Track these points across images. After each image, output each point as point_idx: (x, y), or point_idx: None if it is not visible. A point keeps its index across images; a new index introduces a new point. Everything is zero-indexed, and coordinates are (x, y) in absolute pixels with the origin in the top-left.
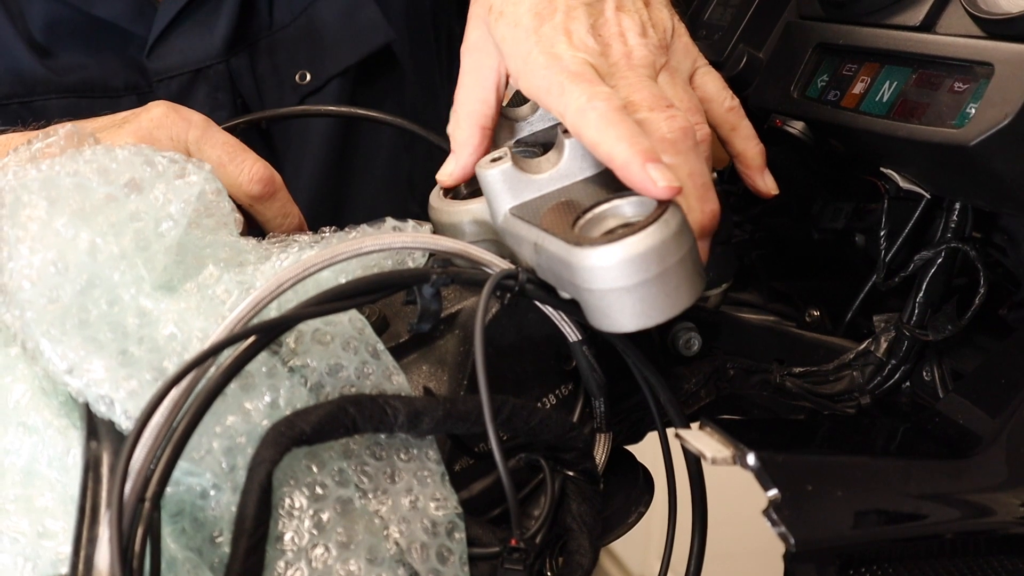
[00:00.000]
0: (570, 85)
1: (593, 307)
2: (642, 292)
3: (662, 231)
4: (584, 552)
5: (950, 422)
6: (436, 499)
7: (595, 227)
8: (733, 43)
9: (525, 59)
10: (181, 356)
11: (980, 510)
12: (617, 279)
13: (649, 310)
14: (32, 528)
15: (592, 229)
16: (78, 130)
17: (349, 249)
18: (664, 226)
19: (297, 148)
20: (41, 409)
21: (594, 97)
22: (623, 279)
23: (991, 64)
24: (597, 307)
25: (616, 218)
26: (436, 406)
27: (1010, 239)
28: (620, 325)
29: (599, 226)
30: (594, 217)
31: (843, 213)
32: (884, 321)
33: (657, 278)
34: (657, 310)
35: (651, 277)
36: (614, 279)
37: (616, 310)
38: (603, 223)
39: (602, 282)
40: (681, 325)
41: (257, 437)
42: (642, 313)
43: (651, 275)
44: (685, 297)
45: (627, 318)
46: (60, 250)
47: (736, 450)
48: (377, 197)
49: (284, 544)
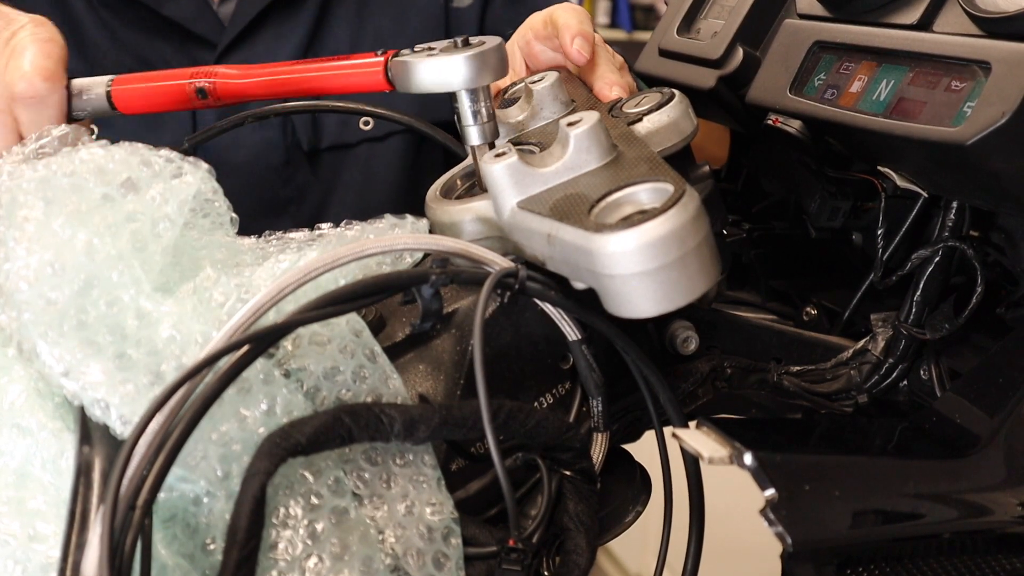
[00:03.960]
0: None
1: (614, 293)
2: (663, 276)
3: (681, 215)
4: (581, 552)
5: (947, 421)
6: (432, 504)
7: (611, 214)
8: (730, 42)
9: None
10: (179, 359)
11: (977, 509)
12: (639, 263)
13: (670, 293)
14: (23, 531)
15: (609, 216)
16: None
17: (351, 252)
18: (683, 210)
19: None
20: (36, 411)
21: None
22: (644, 263)
23: (988, 63)
24: (618, 293)
25: (632, 204)
26: (432, 414)
27: (1008, 238)
28: (641, 310)
29: (615, 213)
30: (609, 204)
31: (841, 212)
32: (881, 320)
33: (678, 261)
34: (677, 294)
35: (672, 260)
36: (636, 263)
37: (638, 295)
38: (619, 210)
39: (623, 267)
40: (679, 324)
41: (252, 444)
42: (663, 297)
43: (672, 258)
44: (704, 280)
45: (648, 303)
46: (57, 251)
47: (733, 450)
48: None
49: (277, 553)
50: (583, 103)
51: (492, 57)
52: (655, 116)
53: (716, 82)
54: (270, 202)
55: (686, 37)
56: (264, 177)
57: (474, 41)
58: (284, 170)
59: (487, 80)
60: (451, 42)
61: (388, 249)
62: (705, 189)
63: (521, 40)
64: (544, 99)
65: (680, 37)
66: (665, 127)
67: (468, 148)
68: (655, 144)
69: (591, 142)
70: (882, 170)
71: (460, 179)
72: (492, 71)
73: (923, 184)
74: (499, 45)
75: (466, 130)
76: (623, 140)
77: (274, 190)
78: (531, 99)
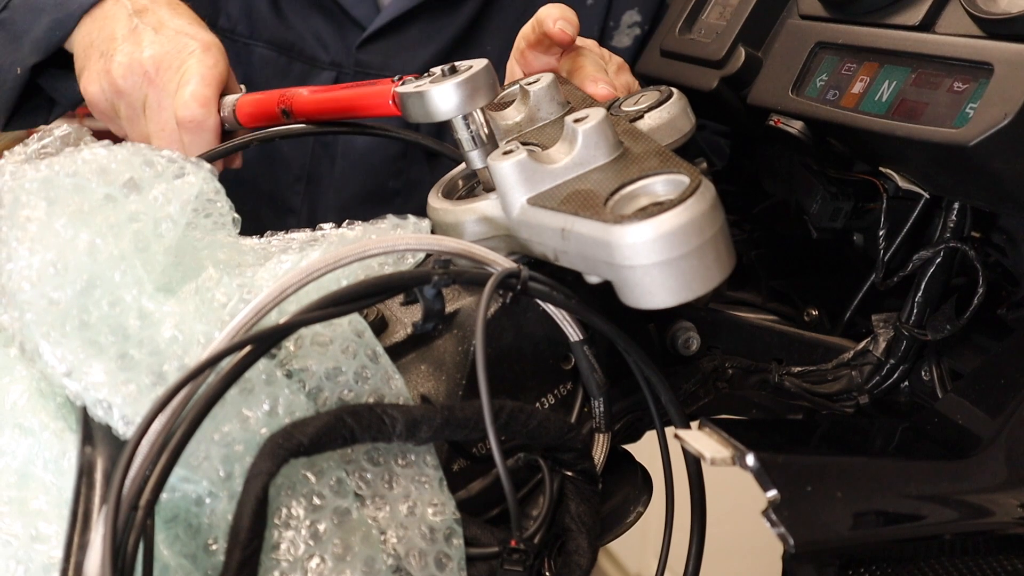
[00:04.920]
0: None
1: (633, 284)
2: (682, 266)
3: (700, 205)
4: (582, 552)
5: (949, 422)
6: (434, 504)
7: (627, 206)
8: (732, 42)
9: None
10: (181, 360)
11: (979, 510)
12: (658, 254)
13: (689, 283)
14: (25, 531)
15: (624, 208)
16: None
17: (353, 253)
18: (701, 200)
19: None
20: (38, 411)
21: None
22: (663, 253)
23: (990, 64)
24: (637, 284)
25: (648, 196)
26: (434, 414)
27: (1009, 239)
28: (659, 300)
29: (631, 204)
30: (624, 197)
31: (842, 212)
32: (883, 321)
33: (696, 251)
34: (695, 284)
35: (690, 250)
36: (654, 254)
37: (656, 285)
38: (635, 201)
39: (643, 258)
40: (680, 325)
41: (255, 445)
42: (682, 287)
43: (690, 248)
44: (720, 271)
45: (666, 293)
46: (59, 251)
47: (735, 450)
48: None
49: (280, 554)
50: (579, 104)
51: (481, 80)
52: (653, 114)
53: (718, 83)
54: (377, 191)
55: (688, 38)
56: (378, 167)
57: (461, 67)
58: (398, 161)
59: (479, 104)
60: (440, 71)
61: (390, 250)
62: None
63: (516, 52)
64: (541, 100)
65: (682, 38)
66: (663, 125)
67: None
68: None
69: (599, 137)
70: (884, 171)
71: (461, 180)
72: (483, 94)
73: (925, 185)
74: (486, 67)
75: (468, 155)
76: (628, 136)
77: (384, 180)
78: (527, 100)
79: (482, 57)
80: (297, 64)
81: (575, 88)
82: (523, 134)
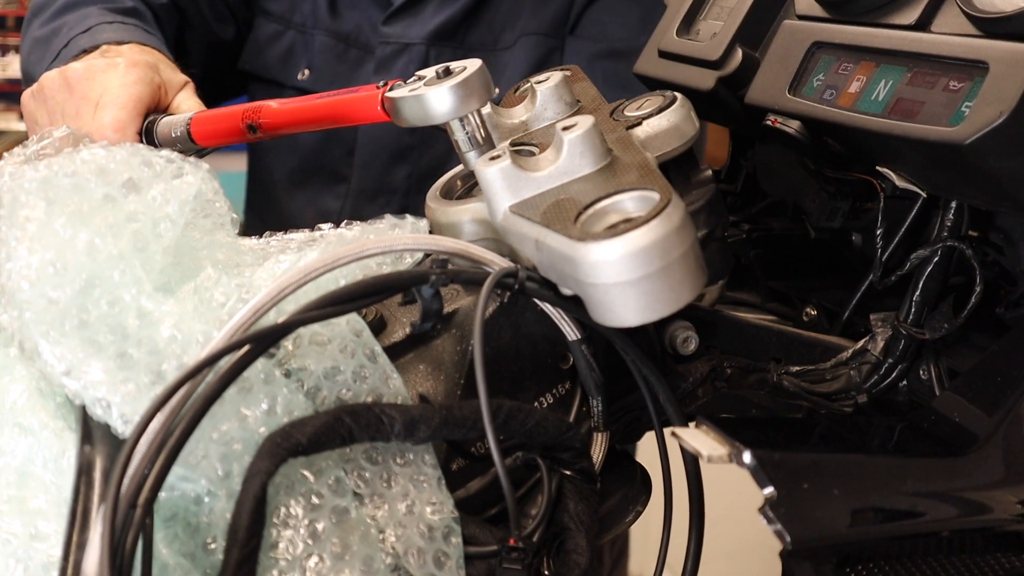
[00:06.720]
0: None
1: (597, 302)
2: (646, 286)
3: (665, 225)
4: (581, 551)
5: (946, 420)
6: (432, 503)
7: (597, 222)
8: (729, 43)
9: None
10: (180, 359)
11: (976, 508)
12: (621, 273)
13: (653, 304)
14: (24, 530)
15: (594, 224)
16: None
17: (351, 253)
18: (667, 220)
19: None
20: (37, 410)
21: None
22: (627, 273)
23: (986, 63)
24: (601, 302)
25: (618, 213)
26: (432, 414)
27: (1006, 237)
28: (623, 319)
29: (601, 221)
30: (596, 212)
31: (840, 212)
32: (881, 320)
33: (661, 272)
34: (661, 304)
35: (655, 271)
36: (618, 273)
37: (620, 304)
38: (605, 218)
39: (606, 276)
40: (678, 324)
41: (254, 444)
42: (646, 307)
43: (655, 269)
44: (688, 291)
45: (631, 312)
46: (59, 250)
47: (733, 448)
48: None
49: (278, 553)
50: (588, 104)
51: (477, 82)
52: (656, 120)
53: (715, 83)
54: (392, 147)
55: (685, 38)
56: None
57: (455, 68)
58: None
59: (475, 105)
60: (433, 72)
61: (388, 249)
62: (707, 193)
63: None
64: (548, 99)
65: (679, 38)
66: (666, 131)
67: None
68: (656, 148)
69: (585, 147)
70: (881, 170)
71: (460, 179)
72: (478, 96)
73: (922, 184)
74: (480, 68)
75: (465, 156)
76: (619, 145)
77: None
78: (535, 99)
79: (491, 22)
80: (353, 51)
81: (589, 86)
82: (528, 133)
